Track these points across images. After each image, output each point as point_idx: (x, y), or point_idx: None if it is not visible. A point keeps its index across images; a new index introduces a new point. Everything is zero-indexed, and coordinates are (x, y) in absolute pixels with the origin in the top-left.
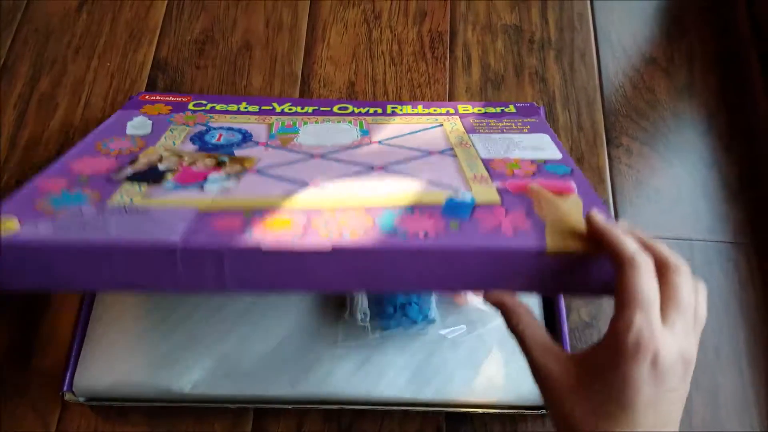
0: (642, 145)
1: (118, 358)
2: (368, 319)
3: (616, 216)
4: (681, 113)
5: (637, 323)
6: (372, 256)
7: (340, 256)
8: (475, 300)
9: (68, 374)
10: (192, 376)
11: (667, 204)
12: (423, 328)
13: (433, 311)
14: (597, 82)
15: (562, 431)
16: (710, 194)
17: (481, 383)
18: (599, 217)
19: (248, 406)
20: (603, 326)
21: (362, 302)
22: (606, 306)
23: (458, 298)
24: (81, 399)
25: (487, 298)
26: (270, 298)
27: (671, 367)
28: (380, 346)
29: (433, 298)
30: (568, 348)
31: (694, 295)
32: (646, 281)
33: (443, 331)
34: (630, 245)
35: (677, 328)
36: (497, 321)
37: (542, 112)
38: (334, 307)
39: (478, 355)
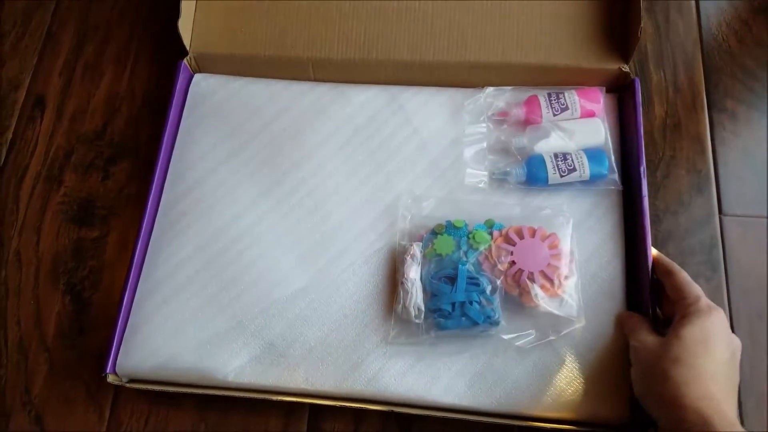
0: (749, 108)
1: (163, 341)
2: (422, 316)
3: (719, 192)
4: None
5: (704, 297)
6: None
7: None
8: (547, 302)
9: (111, 355)
10: (236, 364)
11: None
12: (484, 330)
13: (498, 312)
14: (696, 35)
15: (647, 378)
16: None
17: (550, 397)
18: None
19: (293, 399)
20: None
21: (416, 296)
22: None
23: (528, 299)
24: (124, 380)
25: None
26: (321, 283)
27: (732, 336)
28: (435, 345)
29: (498, 298)
30: None
31: None
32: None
33: (507, 336)
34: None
35: None
36: (572, 328)
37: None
38: (386, 299)
39: (548, 365)
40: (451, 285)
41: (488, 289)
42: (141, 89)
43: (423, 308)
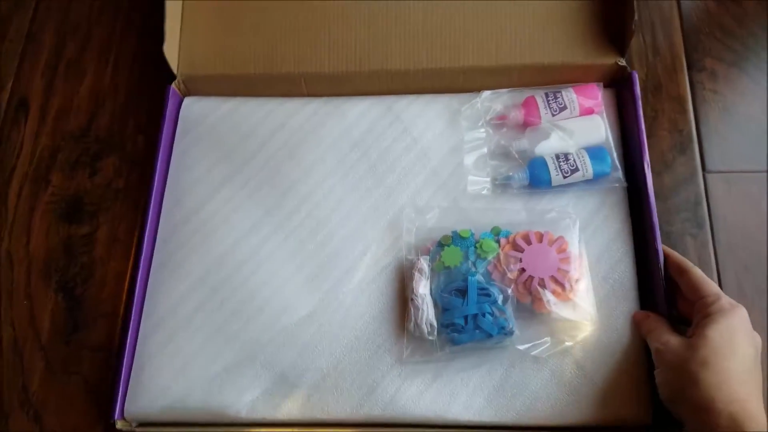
0: (729, 66)
1: (171, 380)
2: (435, 332)
3: (701, 150)
4: None
5: (724, 295)
6: None
7: None
8: (560, 308)
9: (118, 400)
10: (248, 398)
11: (761, 132)
12: (499, 342)
13: (511, 322)
14: None
15: (675, 382)
16: None
17: (571, 405)
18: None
19: (309, 430)
20: None
21: (428, 312)
22: None
23: (540, 306)
24: (133, 425)
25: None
26: (329, 306)
27: (754, 332)
28: (451, 361)
29: (510, 307)
30: None
31: None
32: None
33: (523, 346)
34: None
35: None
36: (587, 332)
37: None
38: (398, 317)
39: (566, 372)
40: (462, 298)
41: (500, 299)
42: (124, 84)
43: (435, 324)
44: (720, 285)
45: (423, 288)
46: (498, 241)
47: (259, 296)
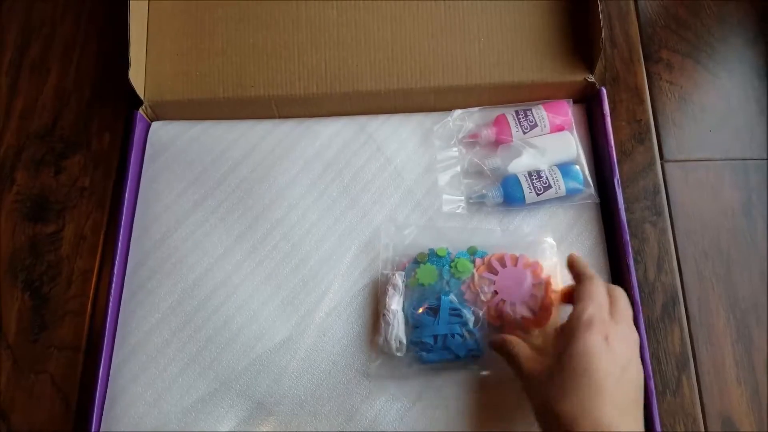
0: (684, 58)
1: (144, 412)
2: (404, 349)
3: (659, 139)
4: (727, 19)
5: (590, 309)
6: None
7: None
8: (530, 333)
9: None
10: (224, 429)
11: (716, 122)
12: (468, 363)
13: (481, 344)
14: None
15: (542, 416)
16: (765, 107)
17: None
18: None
19: None
20: None
21: (398, 329)
22: None
23: (511, 331)
24: None
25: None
26: (305, 331)
27: (621, 347)
28: (421, 379)
29: (481, 329)
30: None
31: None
32: (599, 288)
33: (493, 371)
34: (590, 270)
35: (622, 323)
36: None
37: None
38: (372, 334)
39: None
40: (433, 316)
41: (471, 320)
42: (89, 81)
43: (404, 341)
44: (680, 271)
45: (396, 304)
46: (473, 261)
47: (234, 323)
